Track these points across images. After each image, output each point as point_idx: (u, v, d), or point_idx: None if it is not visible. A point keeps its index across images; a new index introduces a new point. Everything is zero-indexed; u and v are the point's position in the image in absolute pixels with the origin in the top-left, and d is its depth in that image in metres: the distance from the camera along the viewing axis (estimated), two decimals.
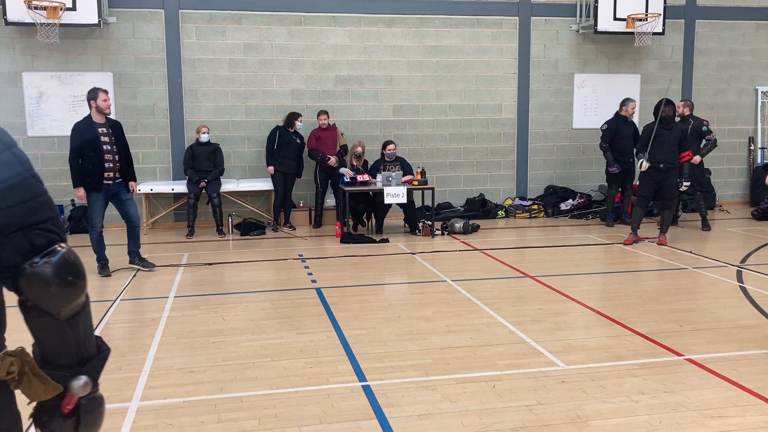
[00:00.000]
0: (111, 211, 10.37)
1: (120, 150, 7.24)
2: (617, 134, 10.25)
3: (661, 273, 7.38)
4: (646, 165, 8.50)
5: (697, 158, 9.60)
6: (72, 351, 1.60)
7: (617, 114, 10.38)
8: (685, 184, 8.72)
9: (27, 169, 1.53)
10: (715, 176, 12.25)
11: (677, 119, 9.40)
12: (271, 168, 10.03)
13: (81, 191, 7.13)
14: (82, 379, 1.63)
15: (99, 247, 7.33)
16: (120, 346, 5.04)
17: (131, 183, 7.39)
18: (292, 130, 10.07)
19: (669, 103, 8.59)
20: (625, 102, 10.36)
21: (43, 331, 1.58)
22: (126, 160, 7.32)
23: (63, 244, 1.57)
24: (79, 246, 9.21)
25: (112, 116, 10.16)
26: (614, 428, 3.59)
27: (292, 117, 10.07)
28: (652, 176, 8.56)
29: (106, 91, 7.21)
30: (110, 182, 7.18)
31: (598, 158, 11.94)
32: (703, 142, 9.90)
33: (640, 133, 9.17)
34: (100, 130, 7.11)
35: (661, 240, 8.79)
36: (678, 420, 3.68)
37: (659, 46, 11.91)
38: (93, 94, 7.11)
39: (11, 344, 1.61)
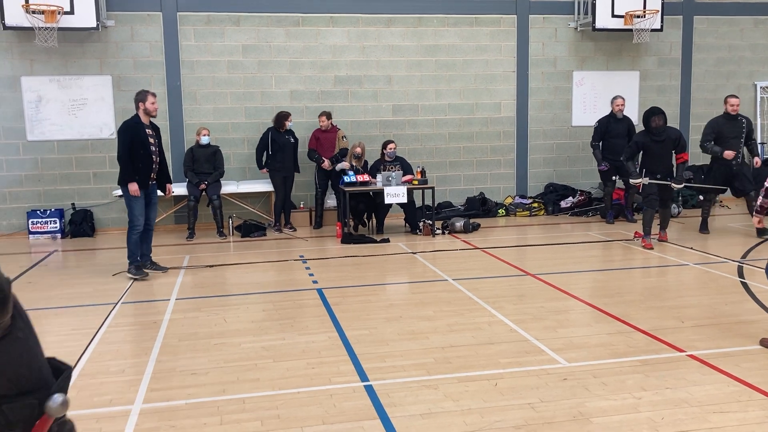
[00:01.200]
0: (111, 214, 10.43)
1: (160, 152, 7.44)
2: (608, 132, 10.35)
3: (662, 269, 7.39)
4: (646, 180, 8.46)
5: (757, 161, 9.42)
6: (1, 381, 1.45)
7: (611, 112, 10.44)
8: (675, 186, 8.46)
9: None
10: None
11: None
12: (264, 170, 10.04)
13: (135, 185, 7.13)
14: (58, 399, 1.49)
15: (137, 247, 7.31)
16: (122, 349, 5.05)
17: (168, 186, 7.62)
18: (283, 131, 10.04)
19: (658, 112, 8.40)
20: (612, 100, 10.44)
21: None
22: (163, 162, 7.51)
23: None
24: (80, 249, 9.23)
25: (113, 120, 10.21)
26: (617, 425, 3.59)
27: (282, 117, 10.00)
28: (653, 179, 8.49)
29: (154, 94, 7.32)
30: (151, 183, 7.35)
31: None
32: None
33: (632, 139, 8.94)
34: (147, 131, 7.25)
35: (662, 236, 8.79)
36: (680, 416, 3.68)
37: (658, 42, 11.91)
38: (142, 96, 7.23)
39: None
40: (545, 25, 11.56)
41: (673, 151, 8.54)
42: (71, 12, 9.48)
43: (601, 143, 10.43)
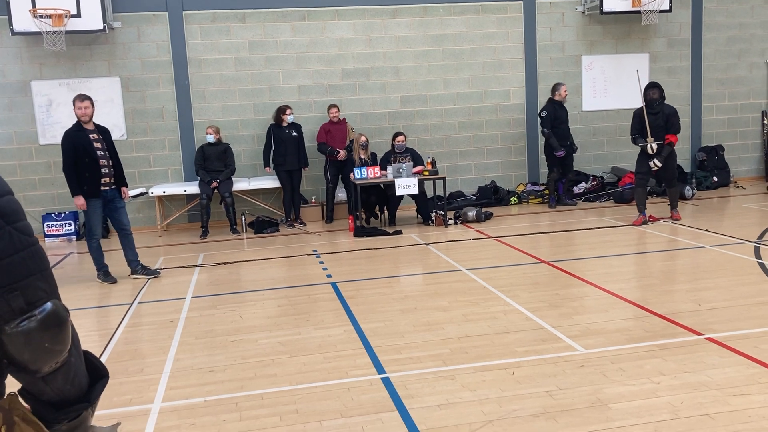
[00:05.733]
0: None
1: (112, 155, 7.21)
2: (556, 119, 10.41)
3: (678, 252, 7.33)
4: (655, 146, 8.50)
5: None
6: (49, 398, 1.58)
7: (551, 99, 10.52)
8: (656, 162, 8.51)
9: (8, 222, 1.39)
10: (728, 152, 12.13)
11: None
12: (268, 168, 10.14)
13: (81, 199, 6.99)
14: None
15: (100, 255, 7.25)
16: (140, 348, 5.09)
17: (123, 189, 7.34)
18: (284, 125, 10.05)
19: (653, 86, 8.62)
20: (557, 86, 10.55)
21: (21, 380, 1.55)
22: (117, 165, 7.28)
23: (49, 303, 1.46)
24: None
25: (122, 121, 10.26)
26: (636, 410, 3.57)
27: (280, 112, 10.04)
28: (645, 157, 8.66)
29: (82, 98, 7.00)
30: (107, 188, 7.12)
31: (610, 140, 11.89)
32: None
33: (631, 121, 8.84)
34: (91, 136, 7.03)
35: (675, 216, 8.81)
36: (700, 400, 3.66)
37: (667, 23, 11.78)
38: (72, 104, 7.08)
39: None
40: (552, 10, 11.46)
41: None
42: (78, 15, 9.52)
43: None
